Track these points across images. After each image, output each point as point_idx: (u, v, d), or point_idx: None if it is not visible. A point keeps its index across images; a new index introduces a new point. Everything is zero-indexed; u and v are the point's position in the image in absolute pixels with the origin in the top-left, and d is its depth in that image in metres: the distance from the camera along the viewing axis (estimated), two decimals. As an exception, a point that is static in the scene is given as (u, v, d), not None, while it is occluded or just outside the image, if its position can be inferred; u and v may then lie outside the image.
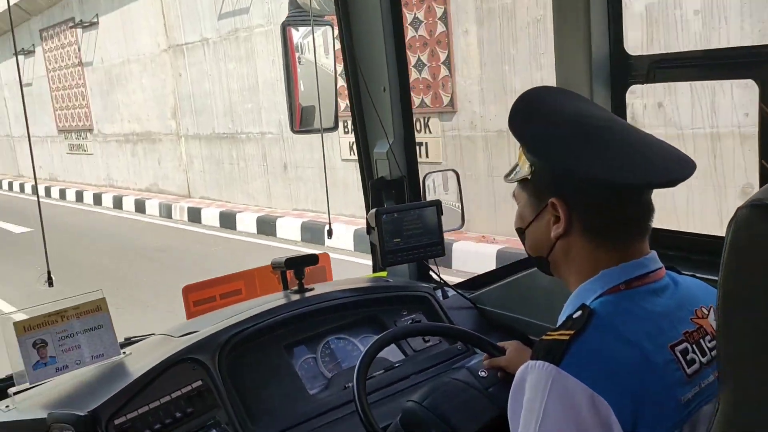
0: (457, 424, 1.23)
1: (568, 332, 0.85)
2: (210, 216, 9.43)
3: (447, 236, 1.83)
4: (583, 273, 0.95)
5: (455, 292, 1.84)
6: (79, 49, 13.26)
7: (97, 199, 12.62)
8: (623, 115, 1.46)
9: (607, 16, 1.43)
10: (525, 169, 0.97)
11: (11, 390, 1.36)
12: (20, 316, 1.44)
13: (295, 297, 1.67)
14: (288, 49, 2.24)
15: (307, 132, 2.75)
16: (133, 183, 12.61)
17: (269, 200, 9.17)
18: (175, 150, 11.16)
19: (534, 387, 0.84)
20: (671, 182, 0.89)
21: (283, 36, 2.21)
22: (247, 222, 8.64)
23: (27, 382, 1.35)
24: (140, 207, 11.17)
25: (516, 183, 1.02)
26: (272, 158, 9.03)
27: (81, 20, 12.69)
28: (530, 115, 0.97)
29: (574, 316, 0.88)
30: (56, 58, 14.31)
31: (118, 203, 11.86)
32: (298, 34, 2.32)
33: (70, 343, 1.42)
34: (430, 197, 1.96)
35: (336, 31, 2.18)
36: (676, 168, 0.91)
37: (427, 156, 7.01)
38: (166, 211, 10.44)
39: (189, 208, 9.97)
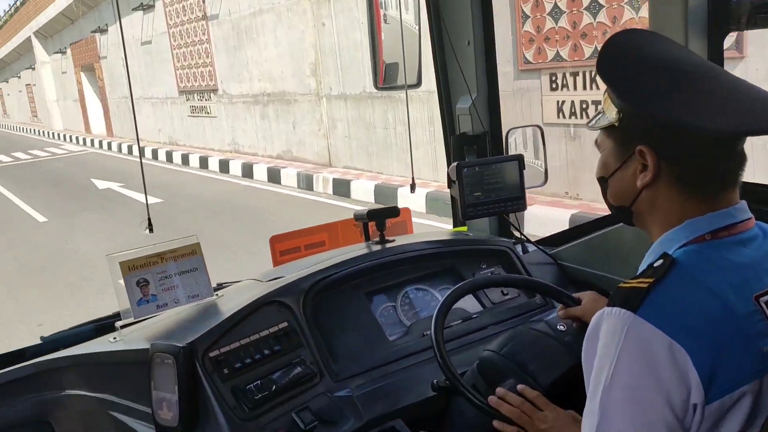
0: (535, 372, 1.25)
1: (647, 280, 0.85)
2: (360, 189, 8.01)
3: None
4: (668, 222, 0.93)
5: (535, 248, 1.83)
6: (204, 1, 12.21)
7: (224, 166, 11.39)
8: (720, 62, 1.39)
9: None
10: (612, 116, 0.94)
11: (118, 323, 1.49)
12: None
13: (376, 247, 1.72)
14: (373, 4, 2.25)
15: (390, 89, 2.77)
16: (262, 149, 11.46)
17: (435, 173, 7.48)
18: (313, 112, 9.84)
19: (610, 333, 0.84)
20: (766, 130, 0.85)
21: (369, -7, 2.22)
22: (412, 198, 6.96)
23: (132, 317, 1.48)
24: (274, 176, 9.81)
25: (600, 130, 0.99)
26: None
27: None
28: (620, 59, 0.93)
29: (655, 264, 0.87)
30: (178, 12, 13.35)
31: (247, 171, 10.54)
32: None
33: (169, 284, 1.54)
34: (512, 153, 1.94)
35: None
36: None
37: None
38: (306, 183, 9.05)
39: (335, 180, 8.55)
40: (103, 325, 1.68)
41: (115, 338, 1.49)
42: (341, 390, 1.37)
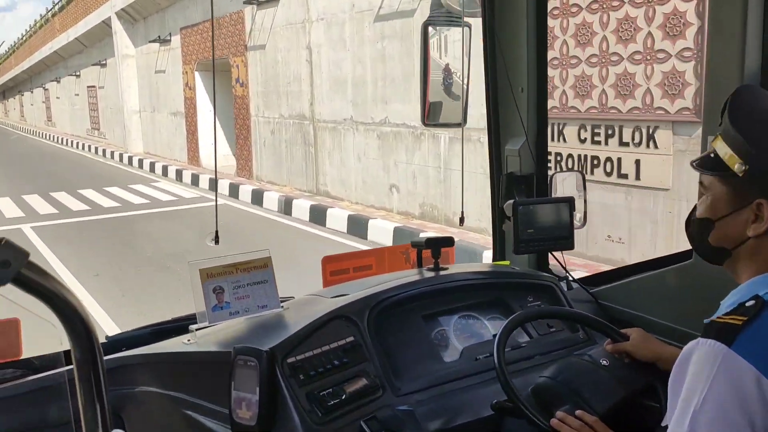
0: (590, 399, 1.34)
1: (741, 317, 0.94)
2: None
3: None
4: (762, 268, 1.01)
5: (578, 285, 1.93)
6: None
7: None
8: None
9: (762, 32, 1.49)
10: (736, 167, 1.00)
11: (193, 327, 1.59)
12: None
13: (431, 274, 1.82)
14: (426, 46, 2.40)
15: (435, 126, 2.93)
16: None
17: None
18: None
19: (702, 362, 0.93)
20: None
21: (424, 34, 2.38)
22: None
23: (207, 321, 1.58)
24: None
25: (708, 172, 1.06)
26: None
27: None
28: (752, 113, 1.01)
29: (747, 304, 0.96)
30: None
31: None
32: (435, 34, 2.48)
33: (242, 293, 1.64)
34: (555, 195, 2.07)
35: (470, 33, 2.31)
36: None
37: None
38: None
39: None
40: (169, 328, 1.78)
41: (189, 340, 1.59)
42: (402, 404, 1.46)
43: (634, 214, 5.66)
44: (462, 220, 2.22)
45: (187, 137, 15.50)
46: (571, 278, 1.93)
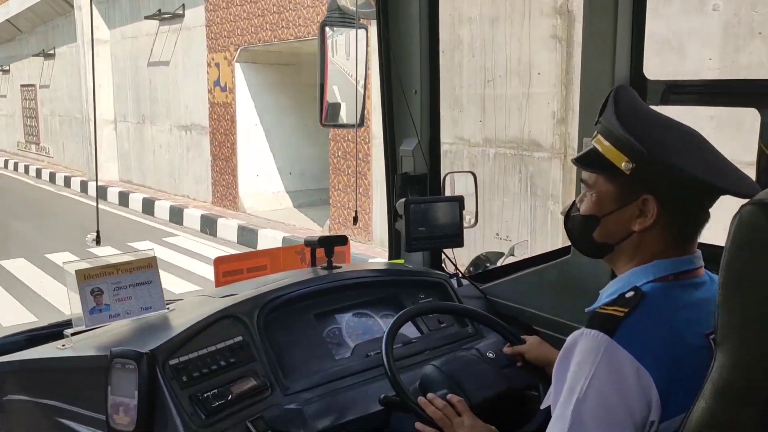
0: (469, 389, 1.39)
1: (622, 309, 0.98)
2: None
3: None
4: (641, 261, 1.06)
5: (468, 282, 1.99)
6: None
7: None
8: None
9: (630, 41, 1.60)
10: (623, 165, 1.02)
11: (68, 331, 1.50)
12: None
13: (324, 272, 1.82)
14: (324, 46, 2.40)
15: (333, 126, 2.93)
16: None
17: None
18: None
19: (586, 351, 0.97)
20: (750, 195, 0.94)
21: (321, 35, 2.38)
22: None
23: (83, 325, 1.50)
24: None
25: (592, 170, 1.08)
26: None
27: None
28: (634, 112, 1.04)
29: (627, 295, 1.01)
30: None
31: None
32: (332, 34, 2.49)
33: (123, 294, 1.56)
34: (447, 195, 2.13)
35: (367, 35, 2.34)
36: (752, 183, 1.02)
37: None
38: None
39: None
40: (45, 334, 1.67)
41: (63, 345, 1.49)
42: (291, 403, 1.44)
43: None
44: (355, 219, 2.24)
45: (212, 164, 10.01)
46: (461, 275, 1.98)
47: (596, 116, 1.12)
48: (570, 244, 1.67)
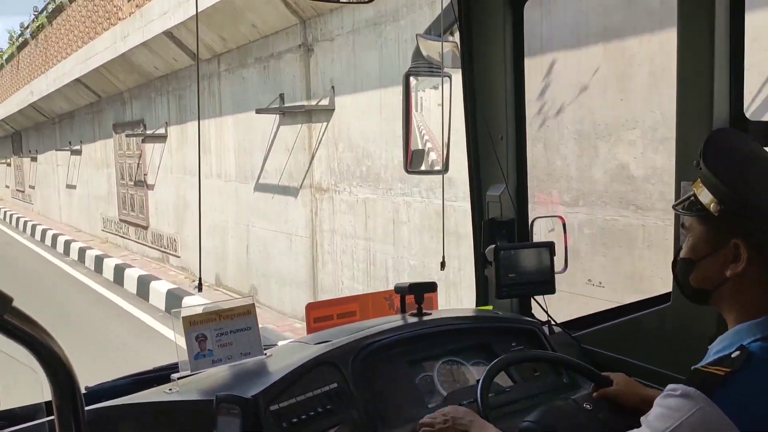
0: None
1: (724, 369, 0.93)
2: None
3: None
4: (746, 312, 1.01)
5: (560, 330, 1.95)
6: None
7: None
8: None
9: (728, 81, 1.55)
10: (712, 206, 1.01)
11: (174, 375, 1.57)
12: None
13: (414, 319, 1.83)
14: (408, 96, 2.46)
15: (418, 173, 2.98)
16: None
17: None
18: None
19: (679, 404, 0.93)
20: None
21: (406, 84, 2.45)
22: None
23: (189, 370, 1.57)
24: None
25: (690, 215, 1.07)
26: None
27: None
28: (724, 154, 1.03)
29: (732, 355, 0.96)
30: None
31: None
32: (416, 84, 2.56)
33: (225, 340, 1.63)
34: (536, 240, 2.11)
35: (450, 83, 2.39)
36: None
37: None
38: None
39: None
40: (151, 378, 1.75)
41: (170, 389, 1.57)
42: None
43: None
44: (443, 264, 2.24)
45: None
46: (553, 322, 1.94)
47: (692, 160, 1.11)
48: (669, 291, 1.62)
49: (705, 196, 1.03)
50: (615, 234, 3.76)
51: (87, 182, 15.34)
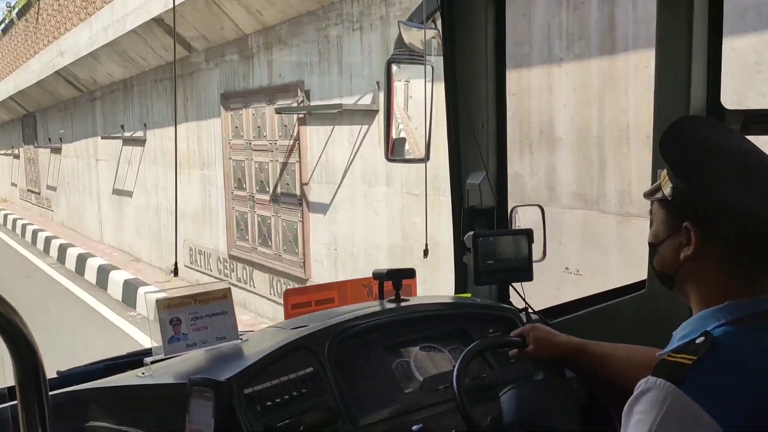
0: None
1: (690, 357, 0.92)
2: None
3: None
4: (708, 299, 1.00)
5: (537, 317, 1.95)
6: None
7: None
8: None
9: (706, 70, 1.56)
10: (667, 191, 1.03)
11: (148, 359, 1.56)
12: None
13: (392, 305, 1.82)
14: (390, 83, 2.45)
15: (398, 161, 2.97)
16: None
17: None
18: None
19: (651, 401, 0.91)
20: None
21: (387, 71, 2.43)
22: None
23: (162, 354, 1.55)
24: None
25: (655, 201, 1.09)
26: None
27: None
28: (680, 142, 1.04)
29: (697, 341, 0.94)
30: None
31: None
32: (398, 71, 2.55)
33: (200, 324, 1.61)
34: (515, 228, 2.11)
35: (433, 71, 2.38)
36: None
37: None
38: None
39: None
40: (124, 362, 1.73)
41: (143, 373, 1.55)
42: None
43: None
44: (426, 252, 2.24)
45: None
46: (530, 310, 1.95)
47: None
48: (644, 278, 1.63)
49: (666, 184, 1.05)
50: None
51: (155, 188, 9.92)
